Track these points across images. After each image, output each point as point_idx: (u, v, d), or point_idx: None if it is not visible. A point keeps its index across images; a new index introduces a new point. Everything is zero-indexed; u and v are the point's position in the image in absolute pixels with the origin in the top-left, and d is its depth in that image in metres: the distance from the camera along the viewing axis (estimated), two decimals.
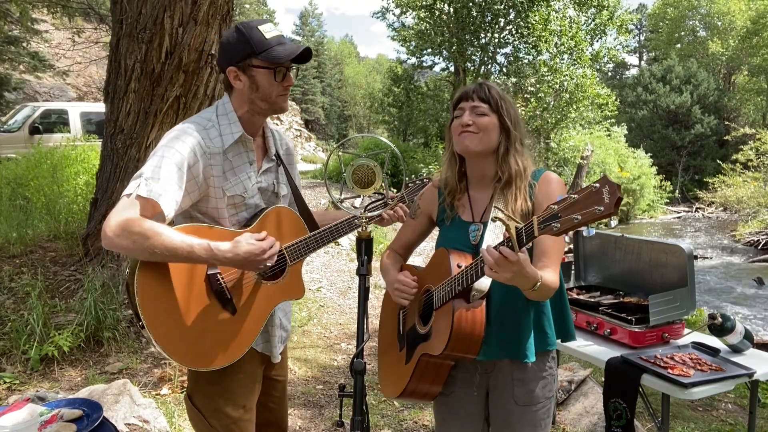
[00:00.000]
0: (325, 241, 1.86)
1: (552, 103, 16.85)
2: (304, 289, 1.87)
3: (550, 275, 1.55)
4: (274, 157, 1.86)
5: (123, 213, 1.49)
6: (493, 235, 1.63)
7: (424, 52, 19.79)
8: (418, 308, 1.80)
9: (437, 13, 17.65)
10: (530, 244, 1.37)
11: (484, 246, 1.56)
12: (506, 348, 1.67)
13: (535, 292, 1.48)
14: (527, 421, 1.71)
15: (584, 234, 1.29)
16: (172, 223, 1.62)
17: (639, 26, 46.00)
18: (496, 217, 1.39)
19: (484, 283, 1.59)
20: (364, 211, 1.74)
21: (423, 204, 1.90)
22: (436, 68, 21.51)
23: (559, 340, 1.79)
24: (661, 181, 25.00)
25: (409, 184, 2.12)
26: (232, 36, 1.69)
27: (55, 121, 12.40)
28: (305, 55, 1.70)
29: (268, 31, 1.68)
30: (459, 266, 1.62)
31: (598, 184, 1.20)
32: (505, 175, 1.68)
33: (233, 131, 1.71)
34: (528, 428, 1.72)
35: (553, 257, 1.60)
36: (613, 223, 2.88)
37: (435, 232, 1.94)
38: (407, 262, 2.00)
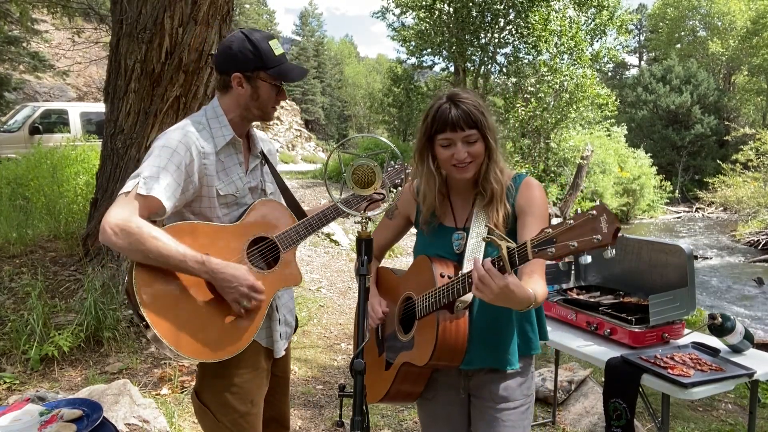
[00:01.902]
0: (314, 227, 1.90)
1: (552, 103, 16.85)
2: (300, 275, 1.91)
3: (539, 285, 1.52)
4: (259, 154, 1.91)
5: (122, 212, 1.54)
6: (477, 245, 1.62)
7: (424, 52, 19.79)
8: (397, 315, 1.79)
9: (437, 13, 17.65)
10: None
11: (468, 258, 1.56)
12: (487, 357, 1.66)
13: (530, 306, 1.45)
14: (505, 420, 1.70)
15: (581, 262, 1.26)
16: (163, 223, 1.65)
17: (639, 26, 46.01)
18: (488, 237, 1.38)
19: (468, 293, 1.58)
20: (364, 211, 1.74)
21: (401, 205, 1.89)
22: (436, 68, 21.55)
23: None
24: (661, 181, 25.01)
25: (389, 169, 2.10)
26: (243, 44, 1.73)
27: (55, 121, 12.41)
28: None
29: (276, 47, 1.77)
30: (442, 276, 1.60)
31: (595, 212, 1.17)
32: (488, 194, 1.66)
33: (224, 134, 1.77)
34: (507, 428, 1.70)
35: (538, 262, 1.56)
36: (610, 253, 2.83)
37: (412, 231, 1.93)
38: (381, 264, 1.97)
